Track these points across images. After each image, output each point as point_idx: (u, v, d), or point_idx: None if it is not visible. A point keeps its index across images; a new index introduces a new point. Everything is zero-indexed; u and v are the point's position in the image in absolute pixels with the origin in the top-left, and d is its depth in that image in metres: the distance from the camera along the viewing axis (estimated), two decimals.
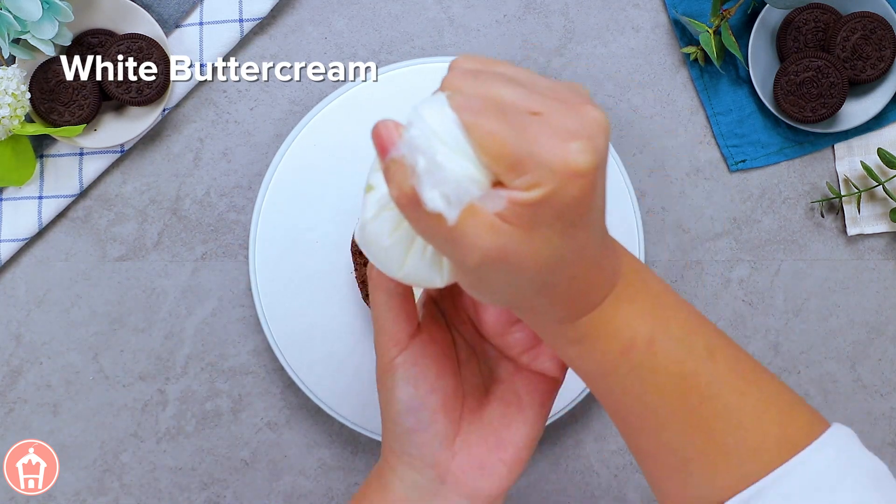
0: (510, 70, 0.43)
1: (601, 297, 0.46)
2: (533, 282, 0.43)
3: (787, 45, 0.79)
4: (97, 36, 0.77)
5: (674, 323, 0.47)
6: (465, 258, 0.41)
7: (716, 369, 0.48)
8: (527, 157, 0.39)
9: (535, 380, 0.53)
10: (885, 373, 0.82)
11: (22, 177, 0.77)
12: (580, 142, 0.40)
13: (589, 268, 0.44)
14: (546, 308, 0.45)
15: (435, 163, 0.40)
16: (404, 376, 0.51)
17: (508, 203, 0.40)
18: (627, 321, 0.46)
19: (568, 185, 0.39)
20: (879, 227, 0.81)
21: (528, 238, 0.40)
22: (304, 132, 0.76)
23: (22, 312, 0.80)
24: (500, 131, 0.39)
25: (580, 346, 0.47)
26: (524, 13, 0.80)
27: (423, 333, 0.52)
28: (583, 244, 0.42)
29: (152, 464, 0.80)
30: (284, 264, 0.76)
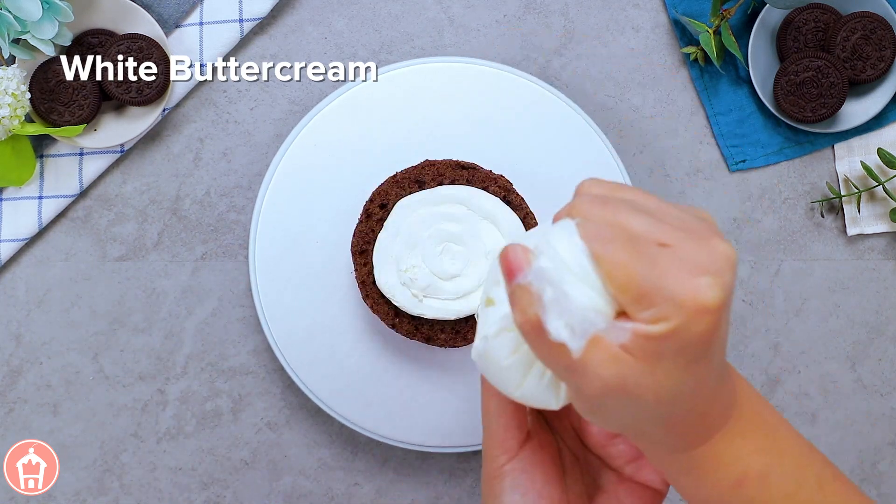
0: (638, 197, 0.43)
1: (717, 428, 0.46)
2: (650, 413, 0.43)
3: (787, 45, 0.79)
4: (97, 36, 0.77)
5: (787, 457, 0.47)
6: (585, 388, 0.42)
7: (825, 500, 0.48)
8: (654, 290, 0.39)
9: (638, 491, 0.53)
10: (885, 373, 0.82)
11: (22, 177, 0.77)
12: (709, 277, 0.39)
13: (707, 401, 0.44)
14: (661, 437, 0.45)
15: (562, 293, 0.40)
16: (513, 484, 0.50)
17: (633, 336, 0.40)
18: (741, 454, 0.46)
19: (695, 320, 0.39)
20: (879, 227, 0.81)
21: (651, 371, 0.41)
22: (304, 132, 0.76)
23: (22, 312, 0.80)
24: (628, 262, 0.39)
25: (692, 477, 0.47)
26: (524, 13, 0.80)
27: (531, 441, 0.51)
28: (703, 378, 0.42)
29: (152, 464, 0.80)
30: (284, 264, 0.76)
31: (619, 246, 0.40)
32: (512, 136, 0.76)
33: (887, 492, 0.82)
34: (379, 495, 0.81)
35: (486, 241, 0.69)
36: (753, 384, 0.81)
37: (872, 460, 0.81)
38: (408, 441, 0.77)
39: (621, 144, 0.80)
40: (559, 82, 0.80)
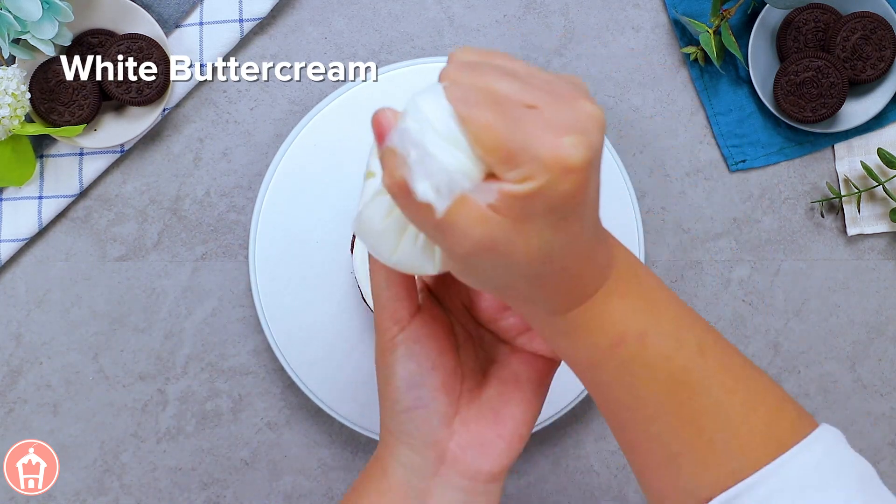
0: (508, 63, 0.43)
1: (592, 289, 0.46)
2: (523, 272, 0.43)
3: (787, 45, 0.79)
4: (97, 36, 0.77)
5: (665, 318, 0.48)
6: (454, 247, 0.42)
7: (706, 365, 0.48)
8: (520, 150, 0.39)
9: (531, 360, 0.53)
10: (885, 373, 0.82)
11: (22, 177, 0.77)
12: (574, 136, 0.40)
13: (580, 260, 0.44)
14: (536, 299, 0.45)
15: (427, 153, 0.40)
16: (406, 353, 0.51)
17: (500, 195, 0.40)
18: (619, 315, 0.46)
19: (560, 179, 0.40)
20: (879, 227, 0.81)
21: (519, 230, 0.41)
22: (304, 132, 0.76)
23: (22, 312, 0.80)
24: (494, 123, 0.40)
25: (570, 338, 0.47)
26: (524, 13, 0.80)
27: (423, 313, 0.52)
28: (574, 237, 0.43)
29: (152, 464, 0.80)
30: (284, 264, 0.76)
31: (486, 108, 0.40)
32: None
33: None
34: None
35: None
36: None
37: (872, 460, 0.81)
38: None
39: (621, 144, 0.80)
40: None
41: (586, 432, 0.81)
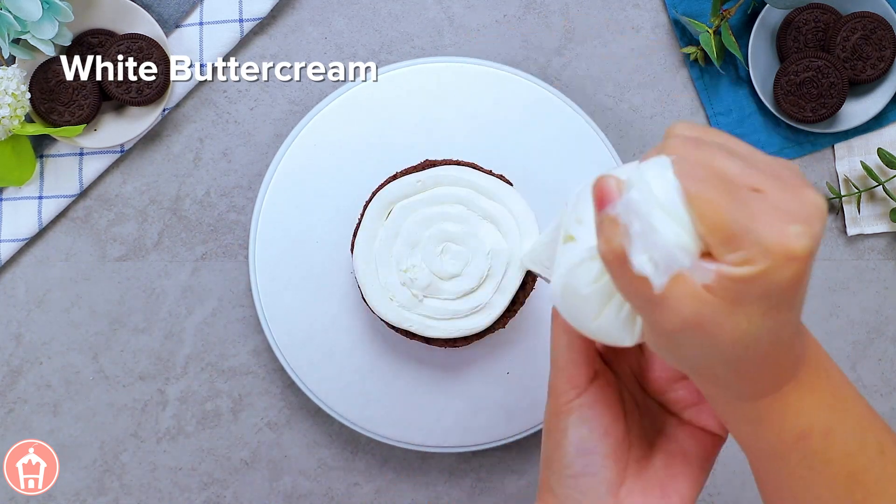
0: (730, 142, 0.43)
1: (785, 380, 0.46)
2: (724, 355, 0.43)
3: (787, 45, 0.79)
4: (97, 36, 0.77)
5: (851, 416, 0.48)
6: (663, 323, 0.42)
7: (885, 466, 0.48)
8: (744, 233, 0.39)
9: (699, 435, 0.53)
10: (885, 373, 0.82)
11: (22, 177, 0.77)
12: (800, 225, 0.40)
13: (781, 349, 0.44)
14: (730, 382, 0.45)
15: (650, 226, 0.40)
16: (579, 418, 0.51)
17: (717, 276, 0.40)
18: (807, 409, 0.46)
19: (781, 267, 0.39)
20: (879, 227, 0.81)
21: (731, 312, 0.41)
22: (304, 132, 0.76)
23: (22, 312, 0.80)
24: (720, 203, 0.40)
25: (755, 426, 0.47)
26: (524, 13, 0.80)
27: (599, 379, 0.52)
28: (782, 325, 0.42)
29: (152, 464, 0.80)
30: (284, 264, 0.76)
31: (713, 186, 0.40)
32: (512, 136, 0.76)
33: None
34: (379, 495, 0.81)
35: (485, 241, 0.69)
36: None
37: None
38: (408, 441, 0.77)
39: (621, 144, 0.80)
40: (559, 82, 0.80)
41: None
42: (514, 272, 0.69)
